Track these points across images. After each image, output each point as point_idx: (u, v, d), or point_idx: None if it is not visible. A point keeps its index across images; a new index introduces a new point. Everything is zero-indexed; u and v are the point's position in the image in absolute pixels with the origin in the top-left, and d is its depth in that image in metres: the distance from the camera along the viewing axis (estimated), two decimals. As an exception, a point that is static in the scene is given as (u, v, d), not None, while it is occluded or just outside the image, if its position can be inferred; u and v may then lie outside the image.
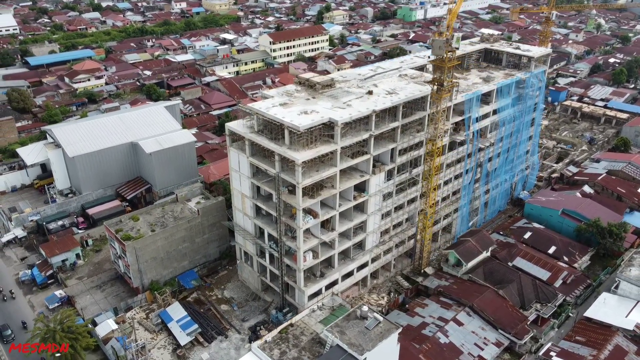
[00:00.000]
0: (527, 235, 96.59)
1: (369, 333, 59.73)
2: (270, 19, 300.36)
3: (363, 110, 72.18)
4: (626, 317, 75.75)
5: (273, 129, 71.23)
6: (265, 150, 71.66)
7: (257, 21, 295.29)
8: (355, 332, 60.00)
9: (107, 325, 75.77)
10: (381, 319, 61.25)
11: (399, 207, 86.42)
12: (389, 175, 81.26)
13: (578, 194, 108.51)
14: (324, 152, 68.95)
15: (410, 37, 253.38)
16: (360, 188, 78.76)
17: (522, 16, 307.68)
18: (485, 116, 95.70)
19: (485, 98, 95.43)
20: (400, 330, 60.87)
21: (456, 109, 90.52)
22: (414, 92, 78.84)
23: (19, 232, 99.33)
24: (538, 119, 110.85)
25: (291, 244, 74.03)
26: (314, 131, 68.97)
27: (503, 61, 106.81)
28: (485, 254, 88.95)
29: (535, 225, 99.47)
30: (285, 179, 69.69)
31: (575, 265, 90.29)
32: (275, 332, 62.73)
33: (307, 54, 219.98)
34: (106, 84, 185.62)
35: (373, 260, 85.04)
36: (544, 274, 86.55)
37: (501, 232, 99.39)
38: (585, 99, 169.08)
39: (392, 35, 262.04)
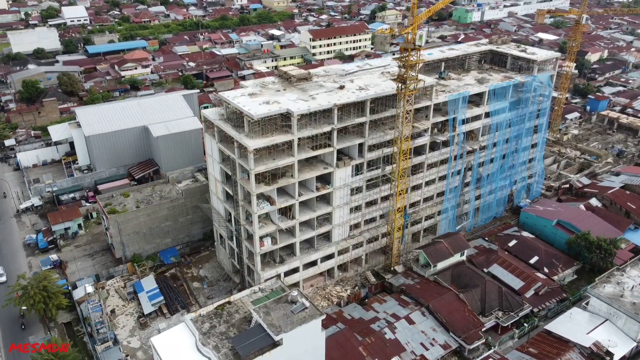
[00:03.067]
0: (512, 243, 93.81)
1: (292, 316, 61.58)
2: (324, 16, 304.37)
3: (324, 104, 73.97)
4: (587, 334, 72.35)
5: (237, 117, 74.75)
6: (229, 137, 75.27)
7: (311, 19, 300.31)
8: (280, 314, 62.06)
9: (83, 289, 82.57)
10: (308, 304, 62.81)
11: (371, 203, 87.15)
12: (358, 169, 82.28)
13: (582, 207, 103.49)
14: (278, 142, 71.54)
15: (459, 39, 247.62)
16: (327, 180, 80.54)
17: (588, 21, 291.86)
18: (476, 118, 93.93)
19: (478, 100, 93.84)
20: (323, 317, 62.07)
21: (443, 109, 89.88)
22: (385, 89, 79.42)
23: (36, 201, 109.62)
24: (543, 126, 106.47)
25: (250, 229, 77.25)
26: (271, 121, 71.71)
27: (508, 64, 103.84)
28: (458, 257, 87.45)
29: (524, 234, 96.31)
30: (242, 164, 72.99)
31: (555, 277, 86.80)
32: (211, 307, 66.05)
33: (348, 52, 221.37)
34: (151, 72, 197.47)
35: (340, 252, 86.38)
36: (517, 283, 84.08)
37: (486, 238, 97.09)
38: (629, 109, 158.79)
39: (441, 37, 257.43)
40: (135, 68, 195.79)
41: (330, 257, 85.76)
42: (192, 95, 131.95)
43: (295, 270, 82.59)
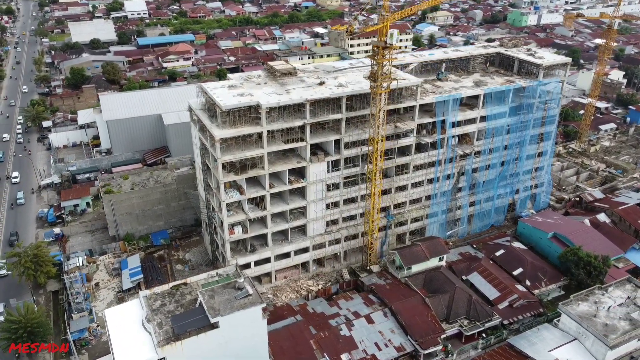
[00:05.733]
0: (499, 252, 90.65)
1: (234, 302, 63.55)
2: (373, 16, 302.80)
3: (295, 98, 75.08)
4: (550, 351, 69.01)
5: (213, 107, 77.37)
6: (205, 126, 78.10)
7: (360, 18, 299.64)
8: (224, 298, 64.19)
9: (73, 262, 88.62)
10: (252, 292, 64.54)
11: (350, 200, 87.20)
12: (335, 165, 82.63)
13: (586, 221, 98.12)
14: (246, 133, 73.45)
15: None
16: (303, 174, 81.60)
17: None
18: (470, 122, 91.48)
19: (475, 103, 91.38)
20: (263, 305, 63.52)
21: (435, 110, 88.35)
22: (363, 87, 79.24)
23: (55, 179, 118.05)
24: (552, 134, 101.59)
25: (221, 216, 79.76)
26: (241, 112, 73.76)
27: (515, 67, 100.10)
28: (436, 262, 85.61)
29: (515, 244, 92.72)
30: (213, 153, 75.58)
31: (536, 291, 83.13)
32: (167, 286, 69.13)
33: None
34: (192, 65, 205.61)
35: (316, 247, 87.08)
36: (492, 293, 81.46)
37: (474, 246, 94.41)
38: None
39: (489, 40, 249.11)
40: (177, 60, 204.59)
41: (305, 250, 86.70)
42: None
43: (267, 261, 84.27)
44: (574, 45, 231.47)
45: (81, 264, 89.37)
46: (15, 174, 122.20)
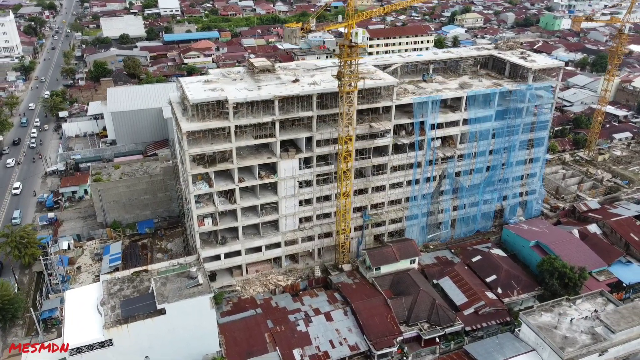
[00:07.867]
0: (476, 258, 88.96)
1: (183, 290, 65.45)
2: (402, 17, 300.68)
3: (264, 94, 76.13)
4: (504, 360, 67.53)
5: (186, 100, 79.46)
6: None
7: (388, 19, 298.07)
8: (175, 286, 66.23)
9: (60, 245, 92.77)
10: (201, 282, 66.18)
11: (324, 198, 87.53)
12: (307, 163, 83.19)
13: (575, 231, 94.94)
14: (213, 127, 75.05)
15: (535, 47, 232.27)
16: (274, 169, 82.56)
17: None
18: (452, 124, 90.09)
19: (459, 105, 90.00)
20: (211, 295, 65.04)
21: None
22: (335, 86, 79.29)
23: (60, 166, 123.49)
24: (544, 140, 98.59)
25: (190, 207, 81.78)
26: (210, 106, 75.44)
27: (506, 70, 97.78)
28: (408, 264, 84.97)
29: (493, 251, 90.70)
30: (182, 145, 77.57)
31: (507, 299, 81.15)
32: (128, 272, 71.68)
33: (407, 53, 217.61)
34: (212, 62, 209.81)
35: (288, 243, 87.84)
36: (460, 299, 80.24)
37: (452, 250, 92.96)
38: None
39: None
40: (198, 57, 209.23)
41: (277, 246, 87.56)
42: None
43: (238, 253, 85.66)
44: (605, 51, 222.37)
45: (67, 248, 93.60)
46: (17, 184, 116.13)
